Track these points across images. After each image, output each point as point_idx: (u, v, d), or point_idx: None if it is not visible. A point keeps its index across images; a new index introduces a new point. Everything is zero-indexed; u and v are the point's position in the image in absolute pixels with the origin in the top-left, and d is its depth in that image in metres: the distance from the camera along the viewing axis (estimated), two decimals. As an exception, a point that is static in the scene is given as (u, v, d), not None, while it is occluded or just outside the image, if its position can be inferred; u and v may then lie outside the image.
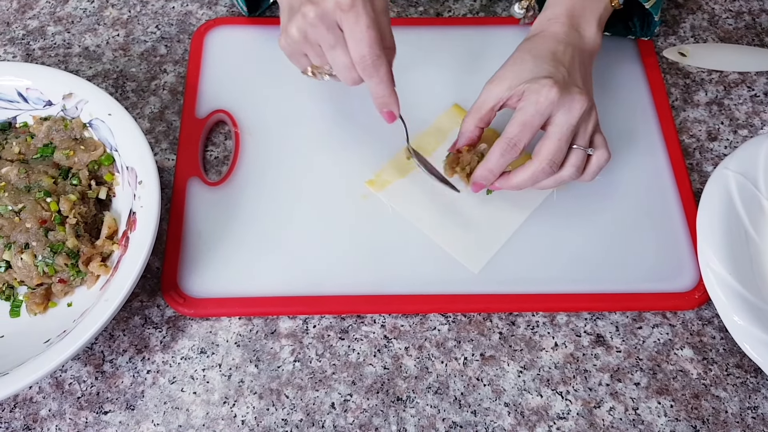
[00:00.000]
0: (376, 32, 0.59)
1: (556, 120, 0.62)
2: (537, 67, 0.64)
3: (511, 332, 0.65)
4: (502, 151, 0.63)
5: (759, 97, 0.79)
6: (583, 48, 0.67)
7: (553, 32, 0.67)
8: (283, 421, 0.61)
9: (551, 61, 0.64)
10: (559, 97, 0.61)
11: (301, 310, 0.65)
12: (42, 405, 0.62)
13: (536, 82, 0.62)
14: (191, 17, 0.84)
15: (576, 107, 0.62)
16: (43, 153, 0.68)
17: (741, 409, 0.62)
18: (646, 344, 0.65)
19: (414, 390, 0.62)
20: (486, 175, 0.65)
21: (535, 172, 0.63)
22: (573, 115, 0.62)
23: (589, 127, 0.64)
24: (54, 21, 0.84)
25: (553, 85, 0.61)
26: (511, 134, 0.63)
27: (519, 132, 0.62)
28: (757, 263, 0.66)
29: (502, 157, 0.63)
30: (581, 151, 0.64)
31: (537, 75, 0.63)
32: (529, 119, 0.62)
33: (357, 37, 0.59)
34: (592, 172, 0.65)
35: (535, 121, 0.62)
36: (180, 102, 0.78)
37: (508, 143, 0.63)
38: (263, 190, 0.71)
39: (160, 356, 0.64)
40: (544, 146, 0.63)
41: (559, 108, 0.61)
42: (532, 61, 0.64)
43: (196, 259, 0.67)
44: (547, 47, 0.66)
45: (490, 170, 0.65)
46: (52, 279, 0.63)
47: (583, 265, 0.67)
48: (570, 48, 0.66)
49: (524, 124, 0.62)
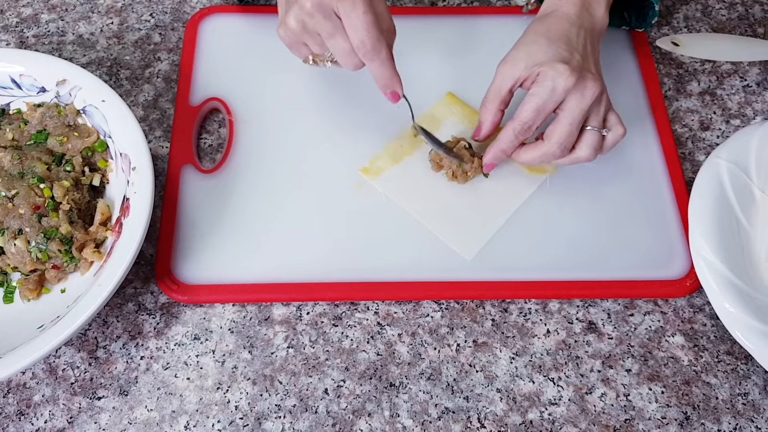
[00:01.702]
0: (372, 16, 0.59)
1: (568, 105, 0.63)
2: (551, 49, 0.64)
3: (504, 319, 0.65)
4: (516, 132, 0.65)
5: (751, 87, 0.79)
6: (593, 29, 0.68)
7: (565, 12, 0.67)
8: (277, 407, 0.61)
9: (565, 45, 0.64)
10: (573, 83, 0.62)
11: (295, 297, 0.66)
12: (35, 390, 0.62)
13: (552, 67, 0.62)
14: (185, 5, 0.84)
15: (588, 93, 0.63)
16: (37, 139, 0.68)
17: (731, 395, 0.62)
18: (638, 331, 0.65)
19: (407, 376, 0.63)
20: (499, 155, 0.67)
21: (546, 153, 0.65)
22: (585, 100, 0.63)
23: (602, 109, 0.65)
24: (48, 8, 0.84)
25: (568, 72, 0.62)
26: (525, 118, 0.64)
27: (533, 116, 0.64)
28: (748, 251, 0.66)
29: (516, 139, 0.65)
30: (595, 132, 0.65)
31: (552, 58, 0.63)
32: (543, 105, 0.63)
33: (354, 23, 0.59)
34: (608, 148, 0.67)
35: (549, 107, 0.63)
36: (174, 90, 0.78)
37: (522, 126, 0.64)
38: (257, 178, 0.71)
39: (153, 342, 0.64)
40: (556, 130, 0.64)
41: (573, 93, 0.62)
42: (546, 43, 0.64)
43: (189, 246, 0.67)
44: (561, 29, 0.66)
45: (503, 150, 0.67)
46: (46, 265, 0.63)
47: (576, 252, 0.68)
48: (582, 31, 0.66)
49: (538, 109, 0.63)
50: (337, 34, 0.61)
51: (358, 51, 0.61)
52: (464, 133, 0.73)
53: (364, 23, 0.59)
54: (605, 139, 0.66)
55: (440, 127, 0.74)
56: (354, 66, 0.63)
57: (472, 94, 0.76)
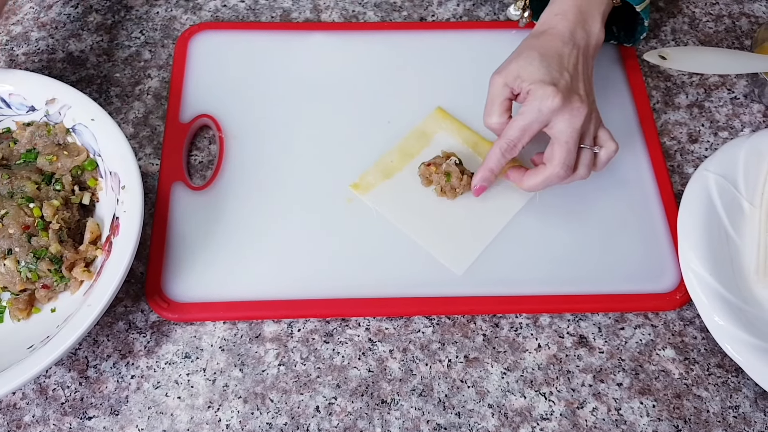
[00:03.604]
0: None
1: (558, 126, 0.64)
2: (543, 67, 0.64)
3: (495, 334, 0.65)
4: (503, 151, 0.65)
5: (739, 100, 0.80)
6: (588, 46, 0.68)
7: (560, 31, 0.67)
8: (268, 425, 0.61)
9: (556, 64, 0.65)
10: (560, 106, 0.63)
11: (286, 314, 0.66)
12: (26, 411, 0.62)
13: (541, 86, 0.63)
14: (175, 22, 0.84)
15: (576, 115, 0.63)
16: (26, 158, 0.68)
17: (722, 408, 0.62)
18: (629, 345, 0.65)
19: (398, 392, 0.62)
20: (487, 175, 0.67)
21: (550, 176, 0.65)
22: (575, 121, 0.64)
23: (591, 128, 0.66)
24: (38, 26, 0.84)
25: (555, 94, 0.62)
26: (512, 136, 0.65)
27: (519, 135, 0.65)
28: (737, 264, 0.66)
29: (502, 157, 0.66)
30: (589, 151, 0.66)
31: (541, 78, 0.64)
32: (529, 125, 0.64)
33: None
34: (602, 164, 0.68)
35: (535, 127, 0.64)
36: (164, 107, 0.78)
37: (508, 144, 0.65)
38: (248, 195, 0.71)
39: (144, 361, 0.64)
40: (556, 152, 0.64)
41: (561, 114, 0.63)
42: (539, 60, 0.65)
43: (180, 263, 0.67)
44: (555, 48, 0.66)
45: (491, 170, 0.67)
46: (36, 285, 0.63)
47: (566, 266, 0.68)
48: (575, 50, 0.67)
49: (524, 129, 0.64)
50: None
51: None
52: (454, 148, 0.73)
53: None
54: (598, 156, 0.67)
55: (430, 141, 0.74)
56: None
57: (461, 108, 0.76)
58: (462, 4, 0.86)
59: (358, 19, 0.85)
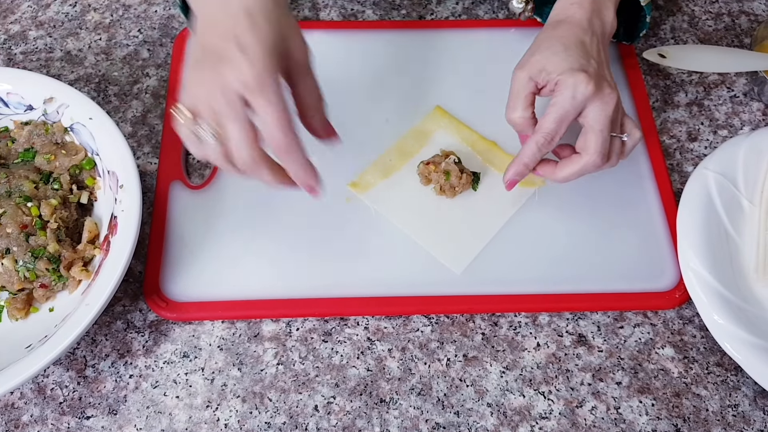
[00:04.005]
0: (286, 115, 0.53)
1: (592, 114, 0.62)
2: (569, 56, 0.63)
3: (494, 333, 0.65)
4: (539, 145, 0.63)
5: (738, 98, 0.80)
6: (604, 34, 0.67)
7: (577, 20, 0.66)
8: (267, 425, 0.61)
9: (582, 53, 0.63)
10: (593, 91, 0.61)
11: (284, 313, 0.65)
12: (24, 410, 0.61)
13: (572, 75, 0.61)
14: (174, 21, 0.84)
15: (609, 101, 0.62)
16: (24, 157, 0.68)
17: (721, 407, 0.62)
18: (628, 344, 0.65)
19: (397, 391, 0.62)
20: (521, 170, 0.65)
21: (586, 165, 0.63)
22: (608, 108, 0.62)
23: (619, 115, 0.65)
24: (36, 25, 0.84)
25: (588, 81, 0.61)
26: (548, 129, 0.62)
27: (556, 127, 0.62)
28: (736, 262, 0.66)
29: (539, 152, 0.64)
30: (618, 139, 0.65)
31: (570, 66, 0.62)
32: (565, 114, 0.62)
33: (268, 119, 0.53)
34: (628, 152, 0.66)
35: (571, 116, 0.62)
36: (162, 106, 0.77)
37: (545, 137, 0.63)
38: (246, 194, 0.71)
39: (142, 360, 0.64)
40: (591, 141, 0.63)
41: (593, 101, 0.62)
42: (563, 50, 0.63)
43: (178, 262, 0.67)
44: (576, 36, 0.65)
45: (526, 165, 0.65)
46: (34, 284, 0.63)
47: (565, 265, 0.68)
48: (595, 38, 0.66)
49: (561, 119, 0.62)
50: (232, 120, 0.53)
51: (271, 145, 0.55)
52: (453, 146, 0.73)
53: (277, 121, 0.53)
54: (625, 145, 0.66)
55: (429, 140, 0.74)
56: (241, 164, 0.55)
57: (460, 107, 0.76)
58: (461, 3, 0.86)
59: (356, 18, 0.85)
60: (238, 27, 0.52)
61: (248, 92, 0.52)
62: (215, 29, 0.54)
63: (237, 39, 0.52)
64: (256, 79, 0.51)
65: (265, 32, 0.53)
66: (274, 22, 0.54)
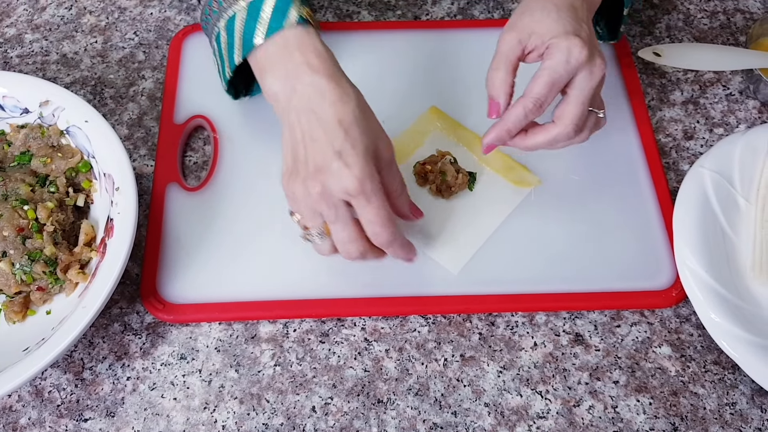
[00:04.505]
0: (386, 211, 0.57)
1: (578, 83, 0.60)
2: (561, 19, 0.60)
3: (491, 333, 0.65)
4: (527, 110, 0.61)
5: (734, 96, 0.80)
6: (592, 2, 0.65)
7: None
8: (264, 426, 0.61)
9: (574, 17, 0.61)
10: (586, 57, 0.59)
11: (281, 314, 0.65)
12: (21, 413, 0.61)
13: (566, 38, 0.59)
14: (169, 23, 0.84)
15: (596, 72, 0.60)
16: (20, 161, 0.68)
17: (719, 405, 0.62)
18: (625, 342, 0.65)
19: (394, 392, 0.62)
20: (503, 135, 0.63)
21: (558, 135, 0.62)
22: (594, 79, 0.60)
23: (600, 89, 0.63)
24: (31, 28, 0.84)
25: (583, 46, 0.59)
26: (538, 93, 0.60)
27: (546, 92, 0.60)
28: (733, 260, 0.66)
29: (525, 118, 0.61)
30: (594, 114, 0.63)
31: (565, 29, 0.59)
32: (558, 79, 0.60)
33: (369, 218, 0.57)
34: (596, 129, 0.65)
35: (563, 81, 0.60)
36: (158, 108, 0.78)
37: (534, 102, 0.60)
38: (242, 195, 0.71)
39: (140, 363, 0.64)
40: (568, 111, 0.61)
41: (582, 70, 0.60)
42: (556, 12, 0.60)
43: (175, 264, 0.67)
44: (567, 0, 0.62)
45: (508, 130, 0.62)
46: (30, 287, 0.63)
47: (562, 264, 0.68)
48: (585, 4, 0.63)
49: (553, 83, 0.60)
50: (339, 222, 0.58)
51: (374, 241, 0.59)
52: (449, 147, 0.73)
53: (379, 219, 0.57)
54: (599, 122, 0.64)
55: (424, 141, 0.74)
56: (349, 257, 0.60)
57: (455, 107, 0.76)
58: (456, 3, 0.86)
59: (352, 19, 0.85)
60: (336, 140, 0.55)
61: (351, 197, 0.56)
62: (311, 142, 0.56)
63: (335, 150, 0.55)
64: (357, 185, 0.55)
65: (359, 141, 0.56)
66: (365, 130, 0.57)
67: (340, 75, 0.58)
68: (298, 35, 0.59)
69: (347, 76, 0.59)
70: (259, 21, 0.60)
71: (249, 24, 0.60)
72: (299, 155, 0.57)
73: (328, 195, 0.56)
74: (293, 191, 0.58)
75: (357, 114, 0.56)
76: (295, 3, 0.59)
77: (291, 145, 0.58)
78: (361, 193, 0.55)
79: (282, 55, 0.59)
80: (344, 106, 0.56)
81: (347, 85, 0.58)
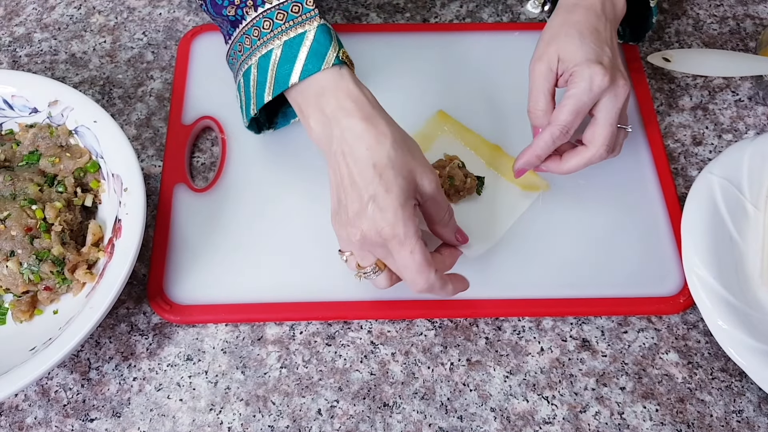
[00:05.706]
0: (421, 255, 0.56)
1: (604, 106, 0.63)
2: (584, 45, 0.63)
3: (498, 337, 0.65)
4: (554, 137, 0.63)
5: (743, 102, 0.80)
6: (615, 19, 0.67)
7: (591, 4, 0.66)
8: (270, 428, 0.61)
9: (597, 41, 0.64)
10: (608, 83, 0.62)
11: (288, 317, 0.65)
12: (28, 413, 0.62)
13: (588, 66, 0.62)
14: (178, 23, 0.84)
15: (621, 93, 0.63)
16: (29, 160, 0.68)
17: (726, 412, 0.62)
18: (632, 349, 0.65)
19: (400, 396, 0.62)
20: (533, 161, 0.66)
21: (592, 158, 0.64)
22: (619, 100, 0.63)
23: (626, 108, 0.65)
24: (41, 28, 0.84)
25: (604, 73, 0.61)
26: (564, 121, 0.63)
27: (572, 119, 0.63)
28: (741, 267, 0.66)
29: (553, 144, 0.64)
30: (623, 130, 0.65)
31: (586, 56, 0.62)
32: (582, 106, 0.62)
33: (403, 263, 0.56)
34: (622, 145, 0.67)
35: (587, 108, 0.63)
36: (167, 108, 0.78)
37: (561, 129, 0.63)
38: (250, 196, 0.71)
39: (146, 363, 0.64)
40: (598, 133, 0.63)
41: (607, 94, 0.62)
42: (579, 38, 0.63)
43: (182, 265, 0.67)
44: (591, 23, 0.65)
45: (538, 156, 0.65)
46: (38, 287, 0.63)
47: (569, 270, 0.68)
48: (609, 24, 0.66)
49: (577, 111, 0.62)
50: (388, 258, 0.58)
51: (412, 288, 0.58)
52: (456, 151, 0.73)
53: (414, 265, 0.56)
54: (626, 135, 0.66)
55: (432, 145, 0.74)
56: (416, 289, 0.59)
57: (463, 111, 0.76)
58: (465, 6, 0.86)
59: (360, 21, 0.85)
60: (371, 185, 0.55)
61: (386, 241, 0.56)
62: (350, 187, 0.56)
63: (369, 195, 0.55)
64: (389, 230, 0.55)
65: (393, 184, 0.55)
66: (401, 170, 0.56)
67: (375, 115, 0.58)
68: (332, 78, 0.59)
69: (385, 113, 0.59)
70: (296, 62, 0.60)
71: (283, 64, 0.60)
72: (342, 199, 0.58)
73: (368, 241, 0.56)
74: (339, 234, 0.59)
75: (392, 155, 0.56)
76: (333, 45, 0.60)
77: (335, 188, 0.59)
78: (393, 237, 0.55)
79: (318, 99, 0.59)
80: (379, 149, 0.56)
81: (383, 125, 0.57)
